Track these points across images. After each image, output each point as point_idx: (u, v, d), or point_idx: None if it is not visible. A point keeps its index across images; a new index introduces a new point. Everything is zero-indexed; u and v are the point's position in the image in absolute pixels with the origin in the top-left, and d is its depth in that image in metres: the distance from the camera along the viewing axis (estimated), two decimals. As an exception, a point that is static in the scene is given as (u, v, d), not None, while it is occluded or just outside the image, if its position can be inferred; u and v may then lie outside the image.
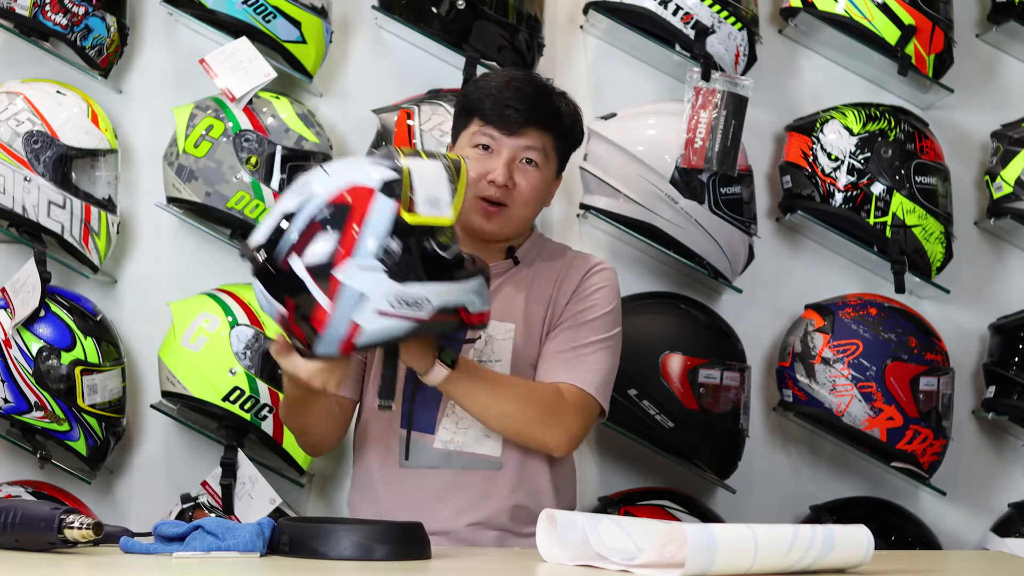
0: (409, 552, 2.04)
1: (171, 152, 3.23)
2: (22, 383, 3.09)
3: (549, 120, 2.51)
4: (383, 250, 2.05)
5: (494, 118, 2.48)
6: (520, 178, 2.49)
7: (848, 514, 3.32)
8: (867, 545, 2.01)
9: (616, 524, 2.00)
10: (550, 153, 2.52)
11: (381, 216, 2.05)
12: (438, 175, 2.09)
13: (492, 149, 2.48)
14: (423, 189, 2.07)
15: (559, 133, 2.52)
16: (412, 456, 2.48)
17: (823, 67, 3.60)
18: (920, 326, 3.35)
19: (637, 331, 3.21)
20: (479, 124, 2.50)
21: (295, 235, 2.05)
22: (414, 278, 2.07)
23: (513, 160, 2.48)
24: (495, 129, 2.48)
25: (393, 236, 2.05)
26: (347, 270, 2.04)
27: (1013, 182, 3.42)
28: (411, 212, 2.05)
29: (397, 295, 2.06)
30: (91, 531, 1.96)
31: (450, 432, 2.48)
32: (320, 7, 3.31)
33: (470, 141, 2.50)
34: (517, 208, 2.49)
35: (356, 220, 2.04)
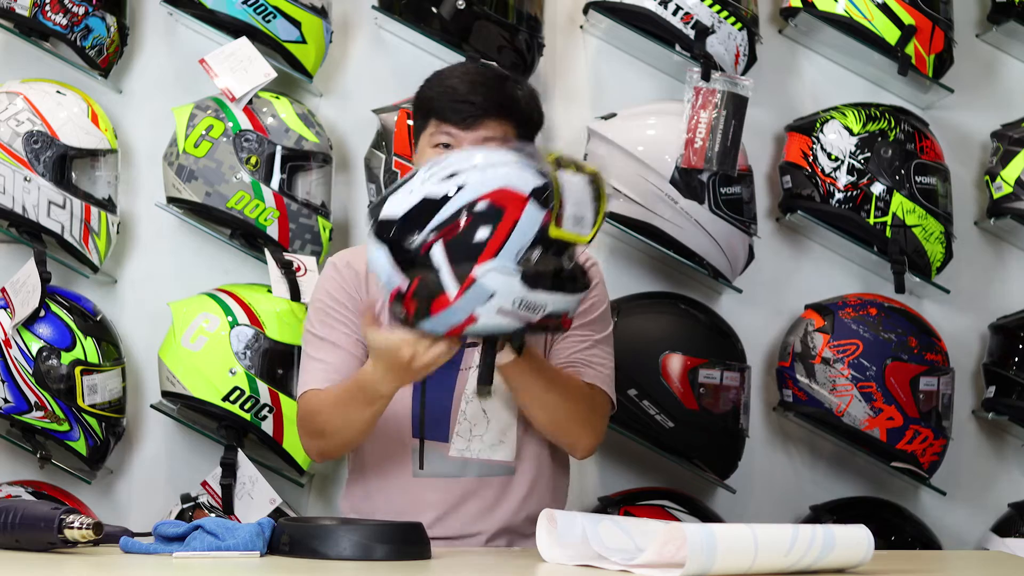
0: (409, 552, 2.04)
1: (171, 152, 3.23)
2: (22, 383, 3.09)
3: (505, 108, 2.45)
4: (524, 257, 2.06)
5: (449, 115, 2.44)
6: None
7: (848, 514, 3.32)
8: (867, 545, 2.01)
9: (616, 524, 2.00)
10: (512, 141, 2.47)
11: (530, 225, 2.04)
12: (585, 192, 2.10)
13: (452, 147, 2.44)
14: (571, 205, 2.07)
15: (518, 120, 2.47)
16: (427, 465, 2.47)
17: (823, 67, 3.60)
18: (920, 326, 3.35)
19: (637, 331, 3.22)
20: (436, 124, 2.46)
21: (442, 221, 2.04)
22: (542, 287, 2.08)
23: None
24: (452, 126, 2.44)
25: (535, 245, 2.06)
26: (485, 268, 2.04)
27: (1013, 182, 3.42)
28: (557, 226, 2.06)
29: (522, 299, 2.07)
30: (91, 531, 1.96)
31: (465, 439, 2.47)
32: (320, 7, 3.31)
33: (430, 142, 2.47)
34: None
35: (507, 224, 2.03)
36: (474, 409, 2.47)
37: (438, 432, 2.47)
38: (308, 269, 3.18)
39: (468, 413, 2.46)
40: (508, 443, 2.48)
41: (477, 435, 2.47)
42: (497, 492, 2.48)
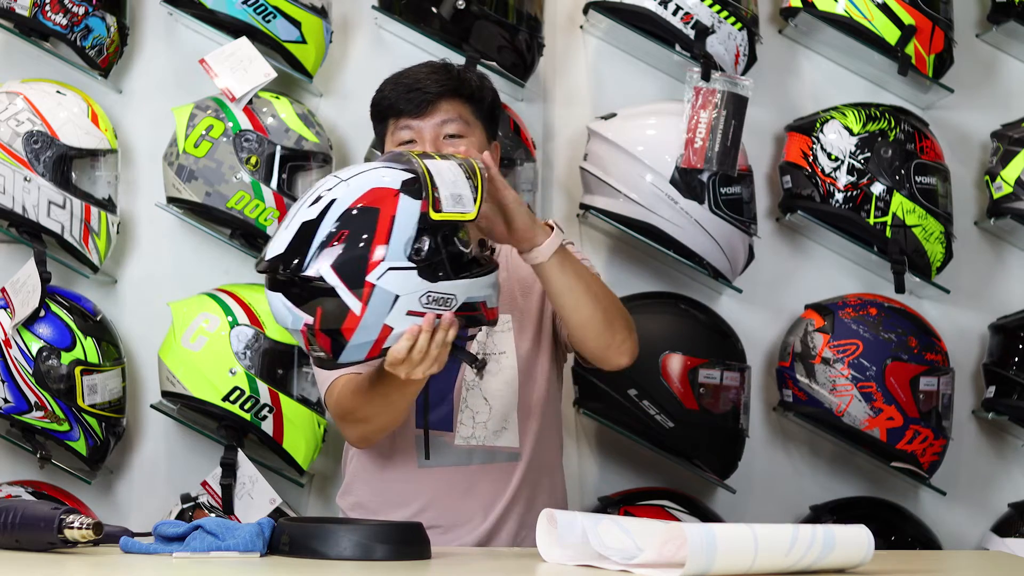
0: (409, 552, 2.04)
1: (171, 152, 3.23)
2: (22, 383, 3.09)
3: (454, 87, 2.47)
4: (414, 249, 2.05)
5: (403, 107, 2.46)
6: (450, 152, 2.46)
7: (848, 514, 3.32)
8: (867, 545, 2.01)
9: (616, 524, 2.00)
10: (470, 120, 2.48)
11: (408, 217, 2.04)
12: (456, 172, 2.10)
13: (415, 140, 2.46)
14: (445, 187, 2.07)
15: (469, 97, 2.48)
16: (432, 455, 2.47)
17: (823, 67, 3.60)
18: (920, 326, 3.35)
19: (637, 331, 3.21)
20: (394, 121, 2.48)
21: (321, 241, 2.03)
22: (443, 276, 2.07)
23: (436, 138, 2.45)
24: (408, 118, 2.46)
25: (421, 235, 2.05)
26: (378, 272, 2.03)
27: (1013, 182, 3.42)
28: (437, 210, 2.05)
29: (427, 292, 2.06)
30: (91, 531, 1.96)
31: (469, 427, 2.48)
32: (320, 7, 3.31)
33: (393, 141, 2.48)
34: None
35: (385, 221, 2.03)
36: (475, 397, 2.48)
37: (441, 422, 2.48)
38: (308, 269, 3.18)
39: (470, 401, 2.48)
40: (511, 428, 2.50)
41: (480, 422, 2.48)
42: (503, 478, 2.49)
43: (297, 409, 3.16)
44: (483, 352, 2.49)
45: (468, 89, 2.49)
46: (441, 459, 2.48)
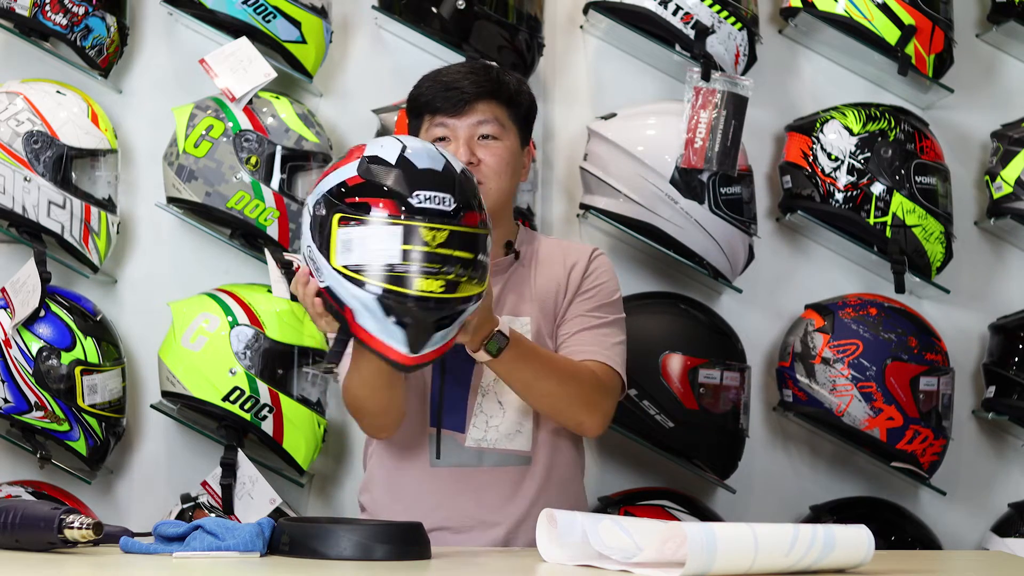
0: (409, 552, 2.04)
1: (171, 152, 3.23)
2: (22, 383, 3.09)
3: (492, 89, 2.49)
4: (321, 200, 2.12)
5: (441, 104, 2.47)
6: (483, 153, 2.47)
7: (848, 514, 3.32)
8: (867, 545, 2.01)
9: (616, 524, 2.00)
10: (506, 123, 2.50)
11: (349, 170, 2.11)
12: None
13: (449, 138, 2.48)
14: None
15: (507, 100, 2.50)
16: (444, 455, 2.48)
17: (823, 67, 3.60)
18: (920, 326, 3.35)
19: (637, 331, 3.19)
20: (429, 118, 2.50)
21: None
22: (321, 248, 2.14)
23: (471, 138, 2.47)
24: (444, 116, 2.47)
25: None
26: (310, 201, 2.14)
27: (1013, 182, 3.42)
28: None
29: (309, 247, 2.15)
30: (91, 531, 1.96)
31: (481, 430, 2.49)
32: (320, 7, 3.31)
33: (427, 138, 2.49)
34: (490, 182, 2.47)
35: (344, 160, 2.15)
36: (490, 400, 2.49)
37: (455, 422, 2.48)
38: (308, 269, 3.18)
39: (484, 405, 2.49)
40: (524, 433, 2.50)
41: (493, 425, 2.49)
42: (514, 482, 2.49)
43: (297, 409, 3.16)
44: None
45: (506, 92, 2.50)
46: (452, 459, 2.48)
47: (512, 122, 2.52)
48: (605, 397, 2.49)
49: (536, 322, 2.52)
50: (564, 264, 2.57)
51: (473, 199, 2.09)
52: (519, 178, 2.56)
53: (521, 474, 2.50)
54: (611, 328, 2.53)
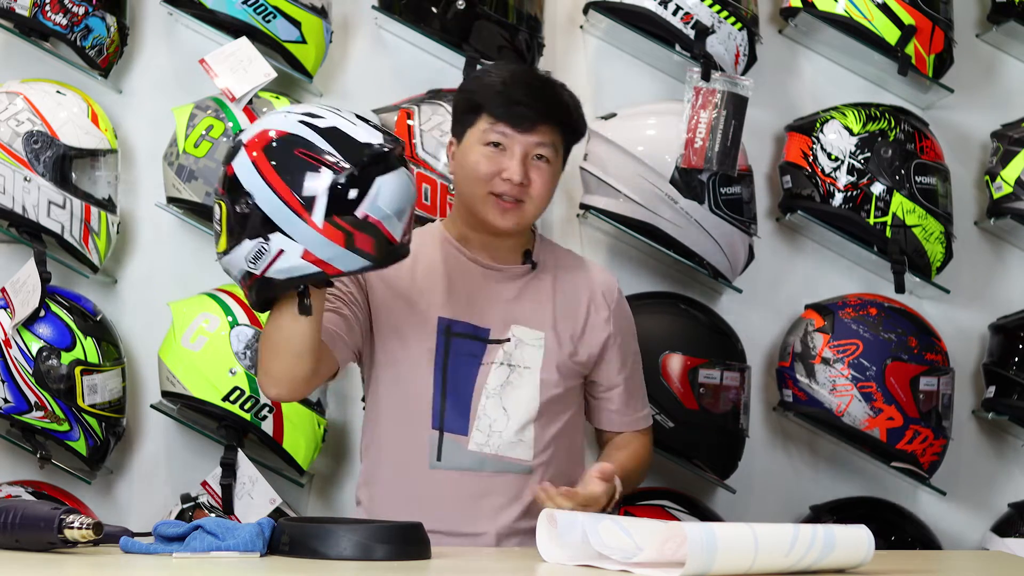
0: (409, 552, 2.04)
1: (171, 152, 3.23)
2: (22, 383, 3.09)
3: (558, 115, 2.52)
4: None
5: (505, 115, 2.48)
6: (534, 175, 2.50)
7: (848, 514, 3.32)
8: (867, 545, 2.01)
9: (616, 524, 2.00)
10: (559, 148, 2.54)
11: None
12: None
13: (504, 146, 2.48)
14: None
15: (567, 127, 2.54)
16: (444, 457, 2.48)
17: (823, 67, 3.60)
18: (920, 326, 3.35)
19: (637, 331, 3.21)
20: (489, 121, 2.49)
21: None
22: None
23: (527, 157, 2.49)
24: (507, 126, 2.48)
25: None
26: None
27: (1013, 182, 3.42)
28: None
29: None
30: (91, 531, 1.96)
31: (484, 435, 2.49)
32: (320, 7, 3.31)
33: (481, 139, 2.50)
34: (532, 204, 2.51)
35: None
36: (494, 405, 2.49)
37: (457, 425, 2.49)
38: (308, 269, 3.18)
39: (488, 409, 2.48)
40: (526, 441, 2.50)
41: (496, 431, 2.49)
42: (513, 490, 2.49)
43: (297, 409, 3.16)
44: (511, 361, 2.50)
45: (567, 118, 2.54)
46: (453, 463, 2.48)
47: (564, 147, 2.55)
48: (651, 456, 2.76)
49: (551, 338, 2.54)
50: (588, 289, 2.61)
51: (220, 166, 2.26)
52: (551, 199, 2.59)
53: (520, 483, 2.50)
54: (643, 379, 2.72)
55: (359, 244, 2.15)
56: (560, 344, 2.54)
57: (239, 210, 2.19)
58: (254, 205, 2.17)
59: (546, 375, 2.52)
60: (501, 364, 2.50)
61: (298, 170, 2.14)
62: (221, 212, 2.22)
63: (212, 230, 2.27)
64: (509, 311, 2.53)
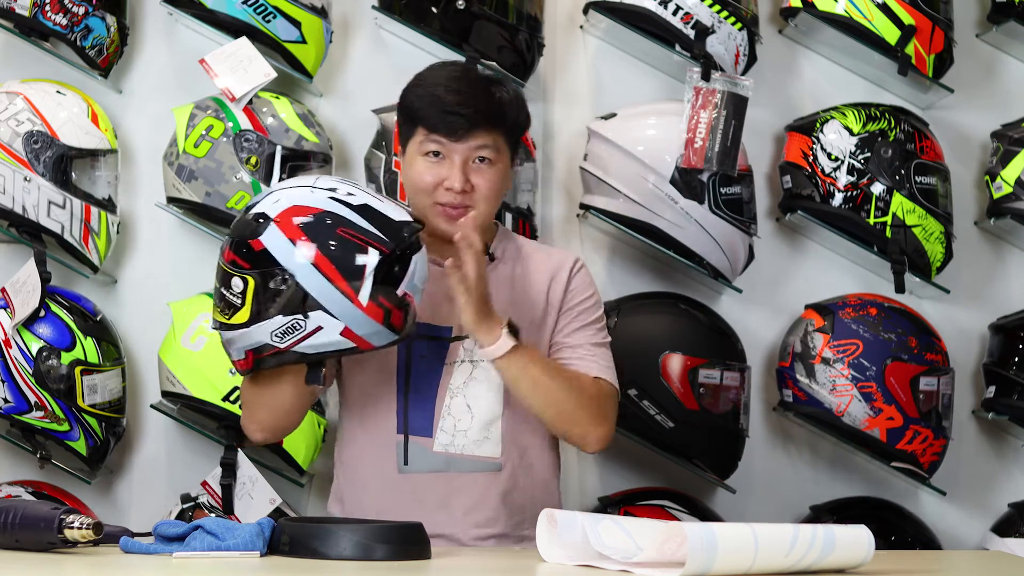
0: (409, 552, 2.04)
1: (171, 152, 3.23)
2: (22, 383, 3.09)
3: (494, 118, 2.47)
4: None
5: (439, 126, 2.45)
6: (477, 178, 2.46)
7: (848, 514, 3.32)
8: (868, 545, 2.01)
9: (616, 524, 2.00)
10: (502, 147, 2.49)
11: None
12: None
13: (443, 155, 2.46)
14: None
15: (506, 128, 2.50)
16: (411, 461, 2.46)
17: (823, 67, 3.60)
18: (920, 326, 3.35)
19: (637, 331, 3.22)
20: (424, 132, 2.47)
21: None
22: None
23: (466, 163, 2.46)
24: (442, 136, 2.45)
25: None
26: None
27: (1013, 182, 3.42)
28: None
29: None
30: (91, 531, 1.96)
31: (448, 435, 2.47)
32: (320, 7, 3.31)
33: (419, 149, 2.47)
34: (480, 206, 2.46)
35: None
36: (458, 404, 2.46)
37: (423, 428, 2.46)
38: (308, 269, 3.18)
39: (452, 408, 2.46)
40: (493, 439, 2.48)
41: (461, 430, 2.46)
42: (483, 489, 2.47)
43: (297, 409, 3.16)
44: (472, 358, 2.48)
45: (504, 118, 2.49)
46: (419, 466, 2.46)
47: (507, 144, 2.51)
48: (611, 411, 2.50)
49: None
50: (548, 271, 2.56)
51: (234, 237, 2.22)
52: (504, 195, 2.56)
53: (490, 480, 2.47)
54: (603, 345, 2.54)
55: (394, 321, 2.20)
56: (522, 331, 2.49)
57: (273, 287, 2.17)
58: (295, 283, 2.16)
59: None
60: (463, 361, 2.47)
61: (345, 250, 2.15)
62: (247, 287, 2.18)
63: (220, 294, 2.23)
64: None
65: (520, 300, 2.52)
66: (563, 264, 2.57)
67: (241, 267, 2.19)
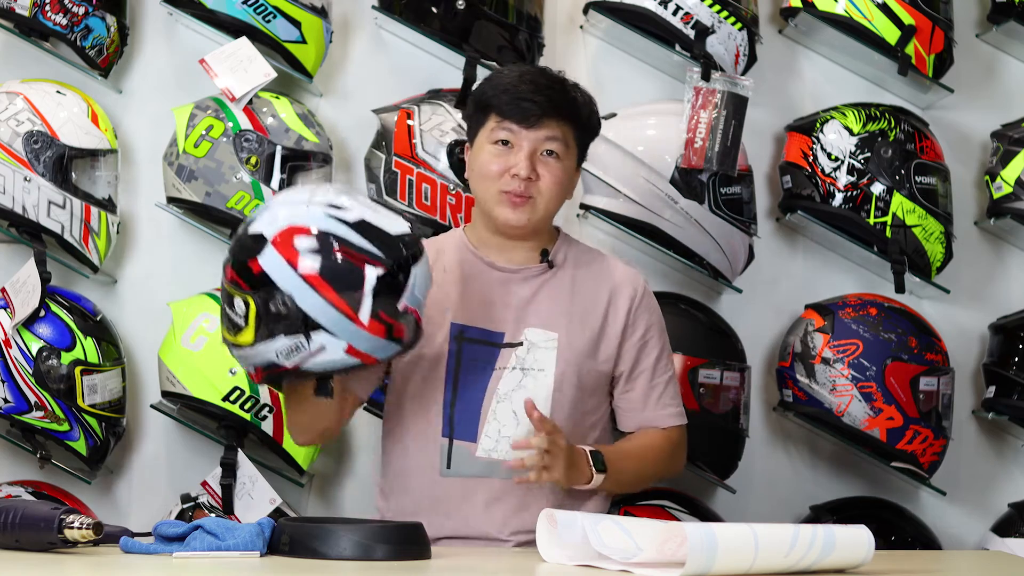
0: (409, 552, 2.04)
1: (171, 152, 3.23)
2: (22, 383, 3.09)
3: (566, 110, 2.51)
4: None
5: (511, 112, 2.48)
6: (543, 170, 2.49)
7: (848, 514, 3.32)
8: (867, 545, 2.01)
9: (616, 524, 2.00)
10: (570, 143, 2.52)
11: None
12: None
13: (512, 144, 2.49)
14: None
15: (577, 123, 2.53)
16: (454, 464, 2.47)
17: (823, 67, 3.60)
18: (920, 326, 3.35)
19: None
20: (496, 120, 2.50)
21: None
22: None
23: (534, 152, 2.49)
24: (513, 123, 2.48)
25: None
26: None
27: (1013, 182, 3.42)
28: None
29: None
30: (91, 531, 1.96)
31: (492, 440, 2.47)
32: (320, 7, 3.31)
33: (489, 137, 2.50)
34: (542, 199, 2.50)
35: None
36: (504, 410, 2.47)
37: (467, 432, 2.48)
38: (308, 269, 3.18)
39: (498, 413, 2.47)
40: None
41: (506, 436, 2.47)
42: (524, 494, 2.47)
43: (297, 409, 3.16)
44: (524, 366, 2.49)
45: (578, 114, 2.53)
46: (462, 470, 2.47)
47: (575, 143, 2.54)
48: (682, 454, 2.66)
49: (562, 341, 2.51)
50: (608, 285, 2.58)
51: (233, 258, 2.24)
52: (568, 196, 2.58)
53: (532, 487, 2.47)
54: (672, 378, 2.63)
55: (397, 334, 2.20)
56: (574, 345, 2.51)
57: (274, 309, 2.16)
58: (295, 306, 2.15)
59: (560, 377, 2.50)
60: (514, 368, 2.49)
61: (342, 271, 2.14)
62: (248, 308, 2.19)
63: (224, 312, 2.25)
64: (523, 313, 2.51)
65: (577, 309, 2.55)
66: (628, 282, 2.60)
67: (242, 288, 2.20)
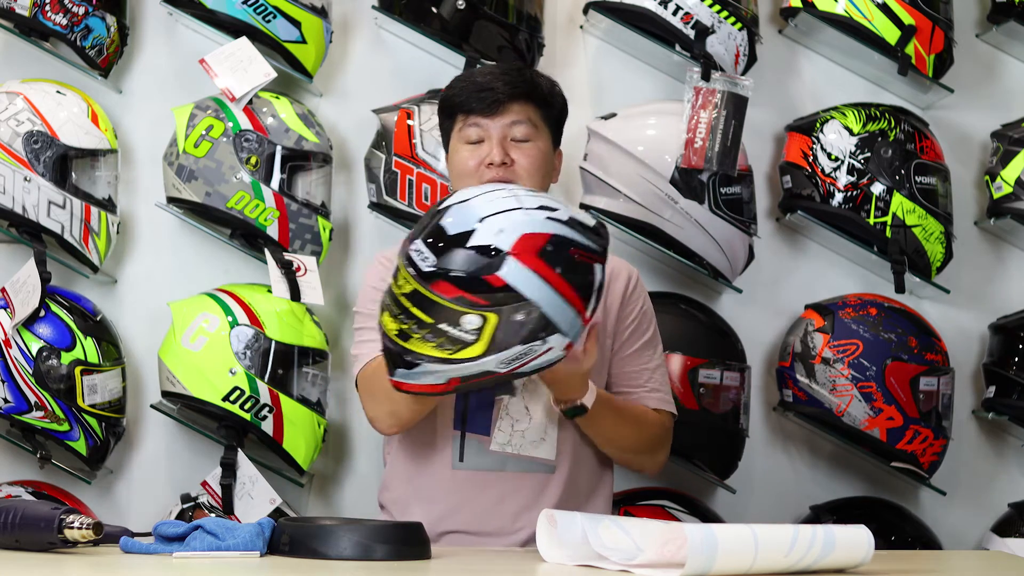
0: (409, 552, 2.04)
1: (171, 152, 3.23)
2: (22, 383, 3.09)
3: (526, 90, 2.51)
4: None
5: (474, 104, 2.49)
6: (516, 154, 2.49)
7: (848, 514, 3.32)
8: (867, 545, 2.01)
9: (616, 524, 2.00)
10: (539, 124, 2.52)
11: None
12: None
13: (482, 138, 2.50)
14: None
15: (541, 102, 2.53)
16: (467, 457, 2.48)
17: (823, 67, 3.60)
18: (920, 326, 3.35)
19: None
20: (463, 118, 2.51)
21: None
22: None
23: (504, 139, 2.49)
24: (479, 116, 2.49)
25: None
26: None
27: (1013, 182, 3.42)
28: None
29: None
30: (91, 531, 1.96)
31: (506, 434, 2.48)
32: (320, 7, 3.31)
33: (460, 138, 2.52)
34: (523, 183, 2.48)
35: None
36: (517, 404, 2.48)
37: (480, 424, 2.48)
38: (308, 269, 3.18)
39: (511, 408, 2.48)
40: (549, 441, 2.50)
41: (519, 431, 2.48)
42: (536, 490, 2.49)
43: (297, 409, 3.16)
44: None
45: (540, 93, 2.53)
46: (475, 463, 2.48)
47: (545, 124, 2.54)
48: (667, 441, 2.60)
49: None
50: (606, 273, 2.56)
51: (463, 273, 2.04)
52: (551, 180, 2.58)
53: (543, 482, 2.49)
54: (661, 366, 2.61)
55: (585, 322, 2.15)
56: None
57: (519, 319, 2.07)
58: (540, 315, 2.07)
59: None
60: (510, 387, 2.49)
61: (580, 272, 2.09)
62: (486, 323, 2.06)
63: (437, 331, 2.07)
64: None
65: None
66: (620, 275, 2.60)
67: (478, 304, 2.05)
